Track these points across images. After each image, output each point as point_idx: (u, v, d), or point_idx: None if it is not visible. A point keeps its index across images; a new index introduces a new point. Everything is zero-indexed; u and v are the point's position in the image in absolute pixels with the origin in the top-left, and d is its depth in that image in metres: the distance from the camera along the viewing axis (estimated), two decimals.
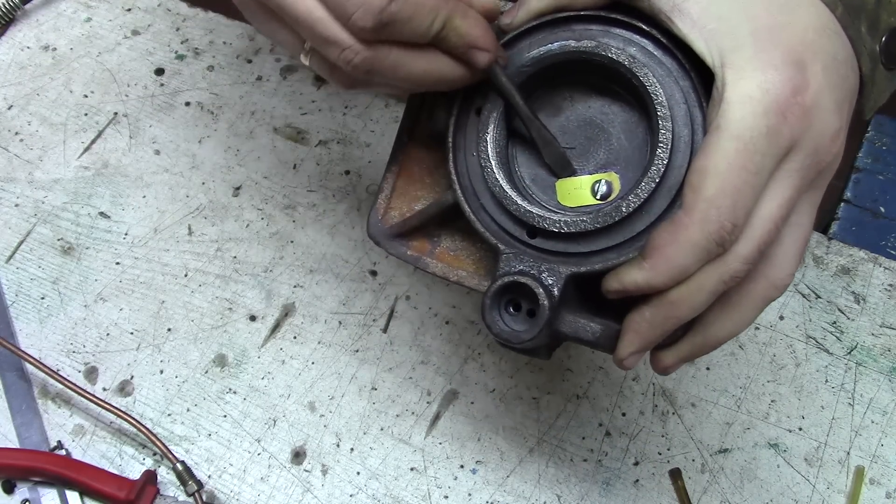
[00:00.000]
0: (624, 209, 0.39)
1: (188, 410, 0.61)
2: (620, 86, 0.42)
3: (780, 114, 0.35)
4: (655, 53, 0.41)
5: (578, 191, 0.42)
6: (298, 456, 0.60)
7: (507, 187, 0.41)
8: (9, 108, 0.76)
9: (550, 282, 0.40)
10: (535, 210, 0.41)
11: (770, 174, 0.36)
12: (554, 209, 0.42)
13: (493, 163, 0.42)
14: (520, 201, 0.41)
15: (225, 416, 0.61)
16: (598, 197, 0.42)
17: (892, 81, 0.40)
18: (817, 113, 0.36)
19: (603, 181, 0.42)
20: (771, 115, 0.35)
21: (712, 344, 0.42)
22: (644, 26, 0.41)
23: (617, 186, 0.42)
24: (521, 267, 0.40)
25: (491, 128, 0.42)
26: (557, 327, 0.41)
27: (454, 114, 0.43)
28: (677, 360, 0.42)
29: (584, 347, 0.57)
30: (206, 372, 0.63)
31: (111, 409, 0.59)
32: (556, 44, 0.42)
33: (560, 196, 0.42)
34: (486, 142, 0.42)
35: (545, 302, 0.39)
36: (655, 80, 0.40)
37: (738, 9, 0.37)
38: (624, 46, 0.41)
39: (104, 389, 0.62)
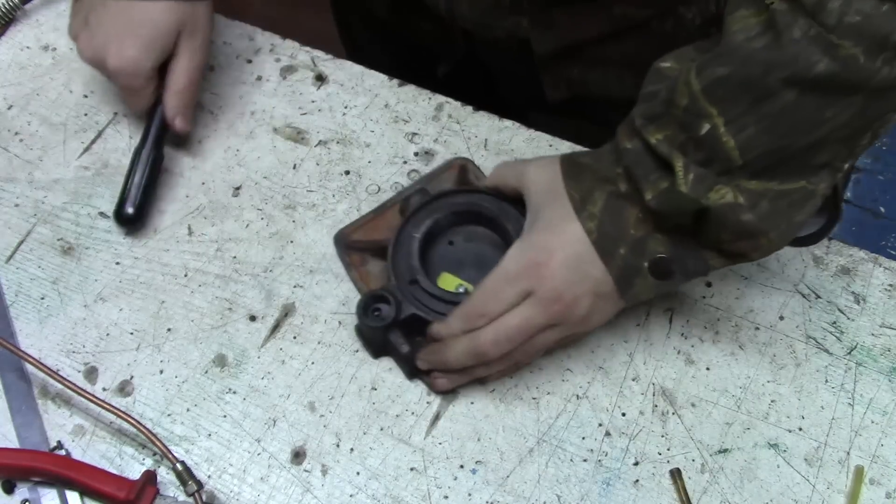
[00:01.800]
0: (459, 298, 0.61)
1: (188, 410, 0.61)
2: (492, 228, 0.65)
3: (525, 269, 0.56)
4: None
5: (448, 283, 0.64)
6: (298, 456, 0.60)
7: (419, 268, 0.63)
8: (9, 108, 0.76)
9: (403, 307, 0.61)
10: (425, 282, 0.62)
11: (516, 297, 0.56)
12: (438, 288, 0.62)
13: (417, 264, 0.63)
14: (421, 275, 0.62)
15: (225, 416, 0.61)
16: (458, 290, 0.63)
17: (660, 287, 0.56)
18: (549, 280, 0.55)
19: (464, 287, 0.63)
20: (520, 267, 0.57)
21: (475, 375, 0.60)
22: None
23: (470, 288, 0.63)
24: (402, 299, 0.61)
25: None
26: (390, 337, 0.61)
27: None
28: (446, 379, 0.61)
29: (584, 349, 0.59)
30: (206, 372, 0.63)
31: (111, 409, 0.59)
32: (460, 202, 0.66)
33: (440, 282, 0.64)
34: (415, 251, 0.63)
35: (391, 311, 0.60)
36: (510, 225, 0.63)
37: (539, 211, 0.59)
38: (492, 204, 0.64)
39: (104, 389, 0.62)
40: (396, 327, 0.60)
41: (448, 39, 0.81)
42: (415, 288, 0.62)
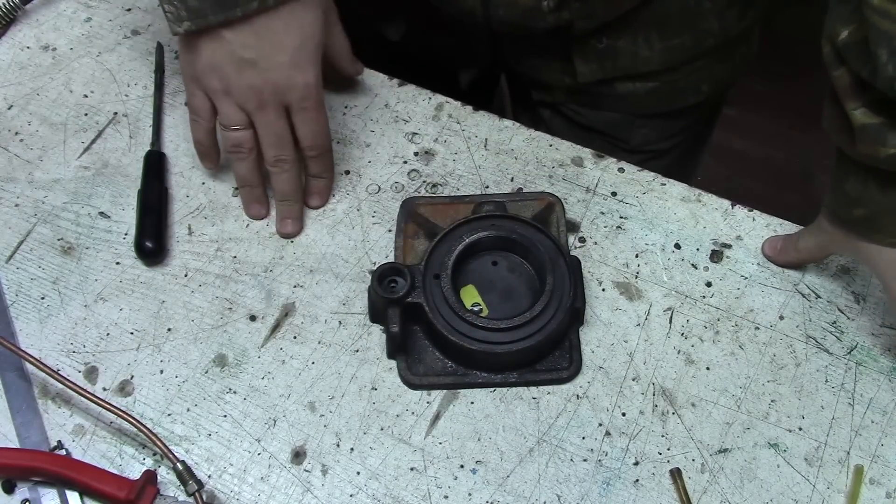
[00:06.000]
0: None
1: (188, 410, 0.61)
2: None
3: None
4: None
5: (469, 295, 0.64)
6: (298, 456, 0.60)
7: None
8: (9, 108, 0.76)
9: (414, 293, 0.61)
10: (446, 283, 0.62)
11: None
12: (454, 294, 0.62)
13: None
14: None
15: (225, 416, 0.61)
16: (473, 307, 0.63)
17: None
18: None
19: (480, 307, 0.63)
20: None
21: None
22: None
23: (485, 310, 0.63)
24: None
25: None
26: (388, 310, 0.61)
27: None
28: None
29: (584, 349, 0.59)
30: (206, 372, 0.63)
31: (111, 408, 0.59)
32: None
33: (463, 292, 0.64)
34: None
35: (403, 289, 0.61)
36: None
37: None
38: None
39: (104, 389, 0.62)
40: (398, 306, 0.61)
41: (470, 50, 0.81)
42: (435, 283, 0.62)
